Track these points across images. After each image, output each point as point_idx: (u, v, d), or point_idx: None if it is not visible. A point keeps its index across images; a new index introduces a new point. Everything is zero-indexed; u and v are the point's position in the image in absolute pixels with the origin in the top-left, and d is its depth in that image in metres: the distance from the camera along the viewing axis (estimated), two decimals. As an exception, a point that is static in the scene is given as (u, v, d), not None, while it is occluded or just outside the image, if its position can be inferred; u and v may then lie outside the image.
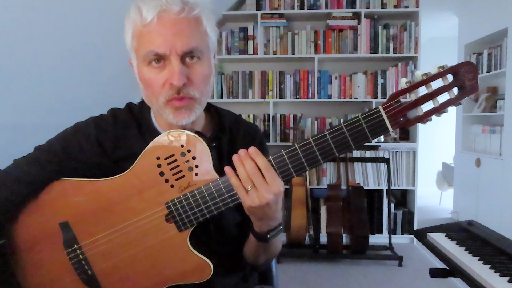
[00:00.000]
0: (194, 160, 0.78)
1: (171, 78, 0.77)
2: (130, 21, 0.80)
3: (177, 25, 0.76)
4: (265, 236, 0.82)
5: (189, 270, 0.81)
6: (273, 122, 3.52)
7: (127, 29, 0.81)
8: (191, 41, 0.77)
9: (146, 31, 0.77)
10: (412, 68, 3.44)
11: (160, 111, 0.82)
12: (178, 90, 0.78)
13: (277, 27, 3.46)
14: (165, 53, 0.76)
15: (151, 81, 0.79)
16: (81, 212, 0.82)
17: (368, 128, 0.72)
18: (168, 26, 0.76)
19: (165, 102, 0.79)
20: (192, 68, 0.79)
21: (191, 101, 0.80)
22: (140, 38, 0.78)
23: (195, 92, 0.80)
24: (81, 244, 0.83)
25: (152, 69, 0.79)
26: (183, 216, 0.79)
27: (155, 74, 0.79)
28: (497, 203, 3.42)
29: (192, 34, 0.78)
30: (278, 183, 0.73)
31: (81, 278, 0.84)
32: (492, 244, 1.09)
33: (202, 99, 0.82)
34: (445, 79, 0.70)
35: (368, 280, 2.77)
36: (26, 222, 0.84)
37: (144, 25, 0.77)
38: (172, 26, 0.76)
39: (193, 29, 0.78)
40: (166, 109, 0.80)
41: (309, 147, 0.73)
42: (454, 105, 0.71)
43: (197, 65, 0.80)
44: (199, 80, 0.80)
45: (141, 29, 0.77)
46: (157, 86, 0.79)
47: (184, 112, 0.80)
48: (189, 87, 0.79)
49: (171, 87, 0.78)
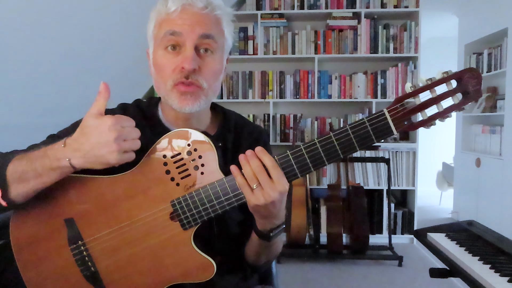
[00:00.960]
0: (200, 159, 0.78)
1: (183, 62, 0.81)
2: (155, 12, 0.86)
3: (199, 16, 0.82)
4: (268, 235, 0.83)
5: (192, 269, 0.81)
6: (273, 122, 3.53)
7: (150, 20, 0.87)
8: (209, 29, 0.83)
9: (169, 16, 0.82)
10: (412, 68, 3.44)
11: (166, 96, 0.85)
12: (187, 75, 0.81)
13: (277, 27, 3.46)
14: (182, 32, 0.81)
15: (164, 64, 0.84)
16: (87, 209, 0.82)
17: (372, 130, 0.73)
18: (190, 15, 0.82)
19: (172, 86, 0.83)
20: (204, 59, 0.84)
21: (198, 89, 0.83)
22: (162, 23, 0.84)
23: (203, 81, 0.83)
24: (85, 240, 0.83)
25: (166, 54, 0.83)
26: (188, 214, 0.79)
27: (169, 58, 0.83)
28: (497, 203, 3.42)
29: (210, 26, 0.83)
30: (283, 182, 0.74)
31: (84, 275, 0.84)
32: (492, 244, 1.09)
33: (209, 91, 0.85)
34: (449, 84, 0.71)
35: (368, 280, 2.78)
36: (31, 217, 0.84)
37: (167, 13, 0.82)
38: (193, 16, 0.82)
39: (212, 23, 0.84)
40: (172, 94, 0.84)
41: (314, 148, 0.74)
42: (457, 110, 0.72)
43: (209, 58, 0.84)
44: (208, 72, 0.84)
45: (164, 17, 0.83)
46: (168, 70, 0.83)
47: (190, 98, 0.83)
48: (198, 75, 0.83)
49: (181, 71, 0.81)
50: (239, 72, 3.53)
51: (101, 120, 0.71)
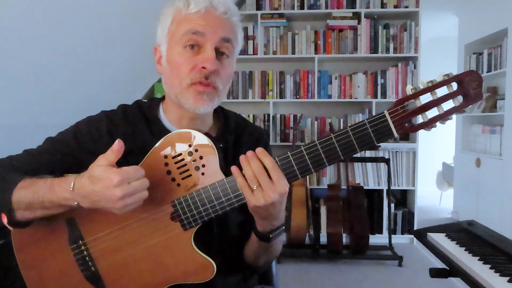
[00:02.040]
0: (201, 159, 0.79)
1: (205, 62, 0.81)
2: (172, 9, 0.86)
3: (221, 20, 0.84)
4: (267, 236, 0.83)
5: (192, 269, 0.81)
6: (273, 122, 3.53)
7: (166, 17, 0.86)
8: (229, 33, 0.85)
9: (191, 17, 0.83)
10: (412, 68, 3.44)
11: (179, 95, 0.85)
12: (207, 75, 0.82)
13: (277, 27, 3.46)
14: (204, 33, 0.81)
15: (182, 63, 0.83)
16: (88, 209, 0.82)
17: (373, 132, 0.73)
18: (213, 17, 0.83)
19: (189, 84, 0.83)
20: (221, 62, 0.85)
21: (214, 91, 0.84)
22: (182, 21, 0.84)
23: (220, 83, 0.85)
24: (86, 240, 0.83)
25: (185, 52, 0.83)
26: (188, 215, 0.79)
27: (187, 57, 0.83)
28: (497, 203, 3.42)
29: (230, 31, 0.86)
30: (283, 183, 0.74)
31: (84, 275, 0.84)
32: (492, 244, 1.09)
33: (222, 93, 0.87)
34: (450, 86, 0.72)
35: (368, 280, 2.78)
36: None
37: (190, 13, 0.83)
38: (216, 19, 0.83)
39: (232, 28, 0.86)
40: (187, 93, 0.83)
41: (315, 149, 0.75)
42: (458, 112, 0.72)
43: (226, 61, 0.86)
44: (225, 75, 0.86)
45: (186, 14, 0.83)
46: (186, 68, 0.83)
47: (206, 98, 0.84)
48: (217, 77, 0.84)
49: (201, 71, 0.82)
50: (239, 72, 3.53)
51: (108, 176, 0.70)
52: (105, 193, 0.70)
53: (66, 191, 0.74)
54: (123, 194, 0.70)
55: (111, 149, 0.72)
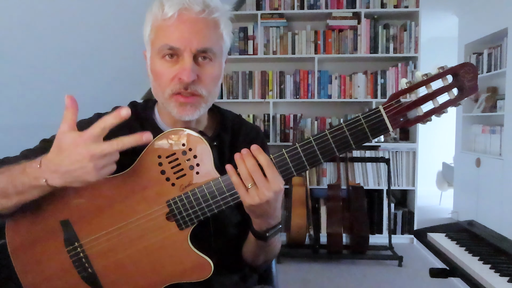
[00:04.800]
0: (195, 158, 0.78)
1: (181, 73, 0.79)
2: (151, 14, 0.83)
3: (196, 24, 0.80)
4: (264, 235, 0.83)
5: (189, 268, 0.81)
6: (273, 122, 3.52)
7: (147, 22, 0.85)
8: (206, 41, 0.80)
9: (165, 25, 0.80)
10: (412, 68, 3.44)
11: (165, 104, 0.84)
12: (186, 85, 0.80)
13: (277, 27, 3.46)
14: (179, 48, 0.79)
15: (162, 73, 0.82)
16: (82, 210, 0.82)
17: (368, 127, 0.72)
18: (187, 24, 0.79)
19: (170, 95, 0.82)
20: (203, 67, 0.82)
21: (198, 98, 0.83)
22: (158, 31, 0.82)
23: (203, 90, 0.83)
24: (81, 242, 0.83)
25: (164, 62, 0.82)
26: (184, 214, 0.79)
27: (167, 67, 0.82)
28: (497, 203, 3.42)
29: (208, 35, 0.81)
30: (278, 181, 0.73)
31: (81, 276, 0.84)
32: (492, 244, 1.09)
33: (209, 98, 0.85)
34: (445, 79, 0.71)
35: (368, 280, 2.77)
36: (26, 219, 0.84)
37: (164, 19, 0.80)
38: (191, 24, 0.79)
39: (210, 30, 0.82)
40: (170, 103, 0.83)
41: (309, 146, 0.74)
42: (453, 105, 0.71)
43: (208, 66, 0.83)
44: (208, 80, 0.83)
45: (161, 23, 0.81)
46: (166, 79, 0.82)
47: (190, 108, 0.83)
48: (198, 84, 0.82)
49: (180, 82, 0.80)
50: (239, 72, 3.52)
51: (73, 139, 0.67)
52: (72, 157, 0.67)
53: (35, 170, 0.71)
54: (92, 154, 0.66)
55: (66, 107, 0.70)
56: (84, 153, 0.67)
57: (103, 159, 0.68)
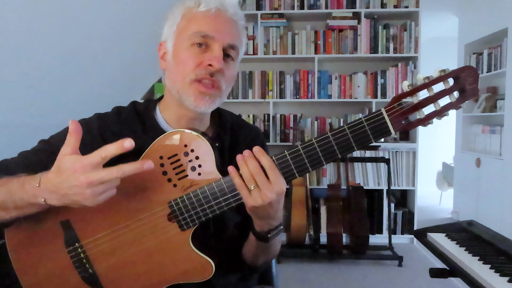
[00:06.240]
0: (197, 160, 0.78)
1: (212, 60, 0.82)
2: (182, 7, 0.87)
3: (230, 23, 0.86)
4: (265, 236, 0.83)
5: (190, 269, 0.81)
6: (273, 122, 3.52)
7: (175, 14, 0.88)
8: (236, 40, 0.87)
9: (201, 16, 0.84)
10: (412, 68, 3.44)
11: (181, 91, 0.85)
12: (213, 73, 0.83)
13: (277, 27, 3.46)
14: (214, 36, 0.83)
15: (188, 58, 0.84)
16: (83, 210, 0.81)
17: (370, 130, 0.72)
18: (223, 19, 0.85)
19: (192, 80, 0.83)
20: (227, 64, 0.86)
21: (217, 91, 0.85)
22: (192, 20, 0.85)
23: (223, 83, 0.85)
24: (82, 242, 0.83)
25: (192, 49, 0.84)
26: (186, 215, 0.79)
27: (194, 53, 0.84)
28: (497, 203, 3.42)
29: (237, 35, 0.88)
30: (281, 183, 0.73)
31: (82, 277, 0.84)
32: (492, 244, 1.09)
33: (224, 94, 0.88)
34: (446, 82, 0.71)
35: (368, 280, 2.78)
36: (26, 220, 0.84)
37: (201, 11, 0.84)
38: (226, 21, 0.86)
39: (239, 32, 0.89)
40: (189, 90, 0.84)
41: (312, 148, 0.74)
42: (454, 108, 0.72)
43: (230, 64, 0.87)
44: (229, 76, 0.87)
45: (197, 12, 0.85)
46: (192, 64, 0.84)
47: (208, 100, 0.85)
48: (222, 76, 0.85)
49: (207, 68, 0.83)
50: (239, 72, 3.52)
51: (72, 163, 0.67)
52: (71, 182, 0.67)
53: (34, 188, 0.71)
54: (90, 181, 0.66)
55: (69, 132, 0.69)
56: (82, 180, 0.67)
57: (101, 186, 0.68)
